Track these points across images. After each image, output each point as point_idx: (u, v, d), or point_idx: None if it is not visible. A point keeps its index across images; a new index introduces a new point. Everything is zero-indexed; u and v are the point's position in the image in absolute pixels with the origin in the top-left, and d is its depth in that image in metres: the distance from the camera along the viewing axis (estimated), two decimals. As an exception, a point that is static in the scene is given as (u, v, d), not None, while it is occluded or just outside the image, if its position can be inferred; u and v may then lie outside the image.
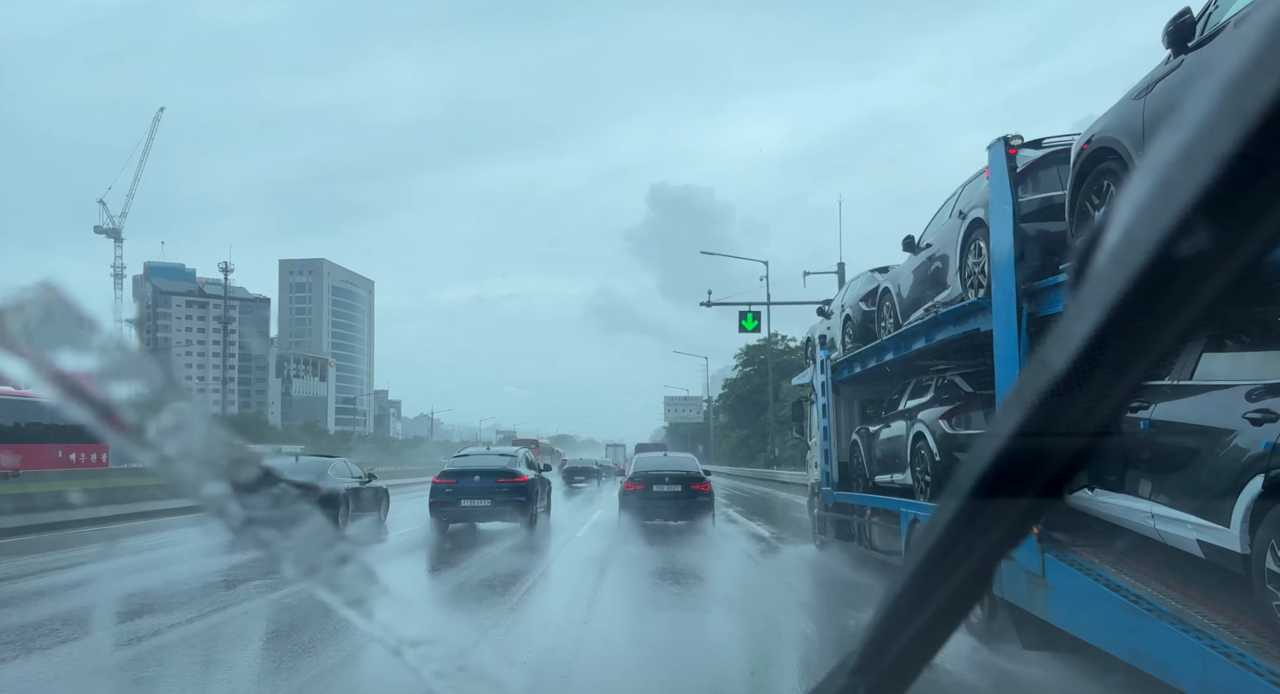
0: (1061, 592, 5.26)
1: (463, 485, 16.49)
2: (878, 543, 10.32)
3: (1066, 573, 5.20)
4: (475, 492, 16.38)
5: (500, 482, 16.63)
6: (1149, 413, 4.73)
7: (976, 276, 7.23)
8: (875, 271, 11.61)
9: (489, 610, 8.88)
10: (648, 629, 8.32)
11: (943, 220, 8.48)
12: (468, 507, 16.38)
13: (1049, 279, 5.68)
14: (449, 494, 16.45)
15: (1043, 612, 5.49)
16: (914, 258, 9.21)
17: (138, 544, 14.52)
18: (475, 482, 16.55)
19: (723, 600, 10.15)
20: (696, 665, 6.89)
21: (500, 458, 17.88)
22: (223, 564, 11.05)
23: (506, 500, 16.44)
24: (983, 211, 6.95)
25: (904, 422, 9.43)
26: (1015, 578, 5.89)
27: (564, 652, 7.08)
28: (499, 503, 16.41)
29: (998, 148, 6.17)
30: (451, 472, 17.11)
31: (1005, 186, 5.96)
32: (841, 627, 8.02)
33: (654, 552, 13.79)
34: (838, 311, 12.97)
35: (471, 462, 17.67)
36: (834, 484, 12.02)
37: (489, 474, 16.73)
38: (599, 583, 11.11)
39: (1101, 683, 5.26)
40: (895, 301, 9.79)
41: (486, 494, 16.37)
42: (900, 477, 9.59)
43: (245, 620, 8.32)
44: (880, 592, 0.81)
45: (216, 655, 7.16)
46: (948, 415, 8.36)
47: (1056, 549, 5.43)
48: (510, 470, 17.04)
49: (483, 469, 16.90)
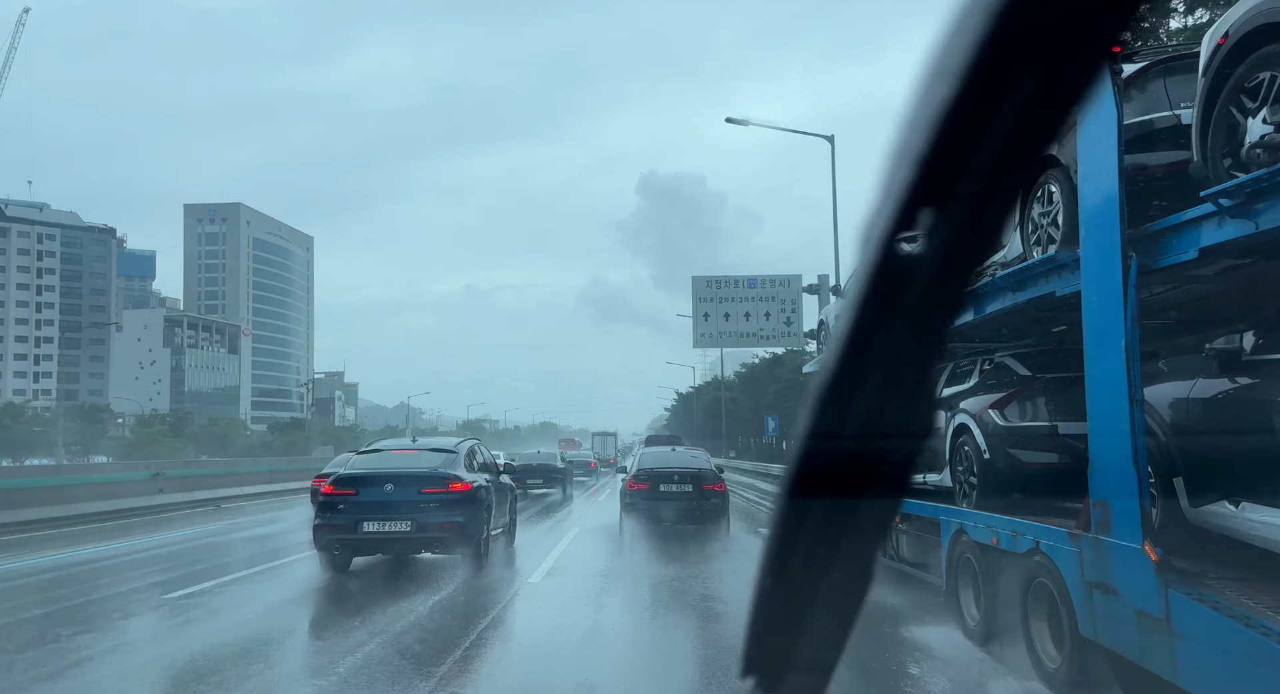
0: (1199, 645, 3.79)
1: (366, 498, 10.58)
2: (908, 554, 8.86)
3: (1206, 618, 3.73)
4: (385, 509, 10.52)
5: (426, 493, 10.66)
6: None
7: (1045, 231, 5.76)
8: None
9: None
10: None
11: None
12: (373, 534, 10.49)
13: (1173, 217, 4.20)
14: (344, 513, 10.57)
15: (1168, 671, 4.02)
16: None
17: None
18: (386, 492, 10.64)
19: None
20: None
21: (429, 455, 11.63)
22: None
23: (436, 522, 10.54)
24: (1057, 146, 5.47)
25: (941, 412, 7.96)
26: (1118, 617, 4.44)
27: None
28: (424, 527, 10.51)
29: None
30: (349, 478, 11.00)
31: (1109, 100, 4.47)
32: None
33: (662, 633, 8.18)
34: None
35: (381, 461, 11.64)
36: (852, 484, 10.56)
37: (408, 481, 10.79)
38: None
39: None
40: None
41: (404, 512, 10.50)
42: (935, 477, 8.14)
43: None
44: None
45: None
46: (1000, 404, 6.91)
47: (1185, 584, 3.97)
48: (441, 474, 10.97)
49: (398, 473, 10.96)
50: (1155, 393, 4.74)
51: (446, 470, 11.09)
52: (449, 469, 11.14)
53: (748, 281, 32.20)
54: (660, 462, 16.16)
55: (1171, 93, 4.98)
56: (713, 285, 32.17)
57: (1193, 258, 4.07)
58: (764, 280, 32.19)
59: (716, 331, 31.94)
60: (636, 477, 15.68)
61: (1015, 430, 6.72)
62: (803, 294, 30.71)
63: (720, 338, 32.59)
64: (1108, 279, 4.49)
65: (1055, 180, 5.58)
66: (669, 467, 15.80)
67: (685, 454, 17.14)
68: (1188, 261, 4.12)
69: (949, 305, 0.68)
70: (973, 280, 0.67)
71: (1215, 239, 3.90)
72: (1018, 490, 6.58)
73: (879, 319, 0.66)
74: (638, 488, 15.47)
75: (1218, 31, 4.19)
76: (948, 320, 0.69)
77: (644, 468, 15.87)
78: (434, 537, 10.66)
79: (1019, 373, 7.08)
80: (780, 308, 31.66)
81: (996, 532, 6.08)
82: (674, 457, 16.72)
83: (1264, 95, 3.70)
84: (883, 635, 7.46)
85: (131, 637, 7.71)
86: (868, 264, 0.64)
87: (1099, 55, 0.59)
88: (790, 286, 31.63)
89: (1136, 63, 5.39)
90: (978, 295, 6.73)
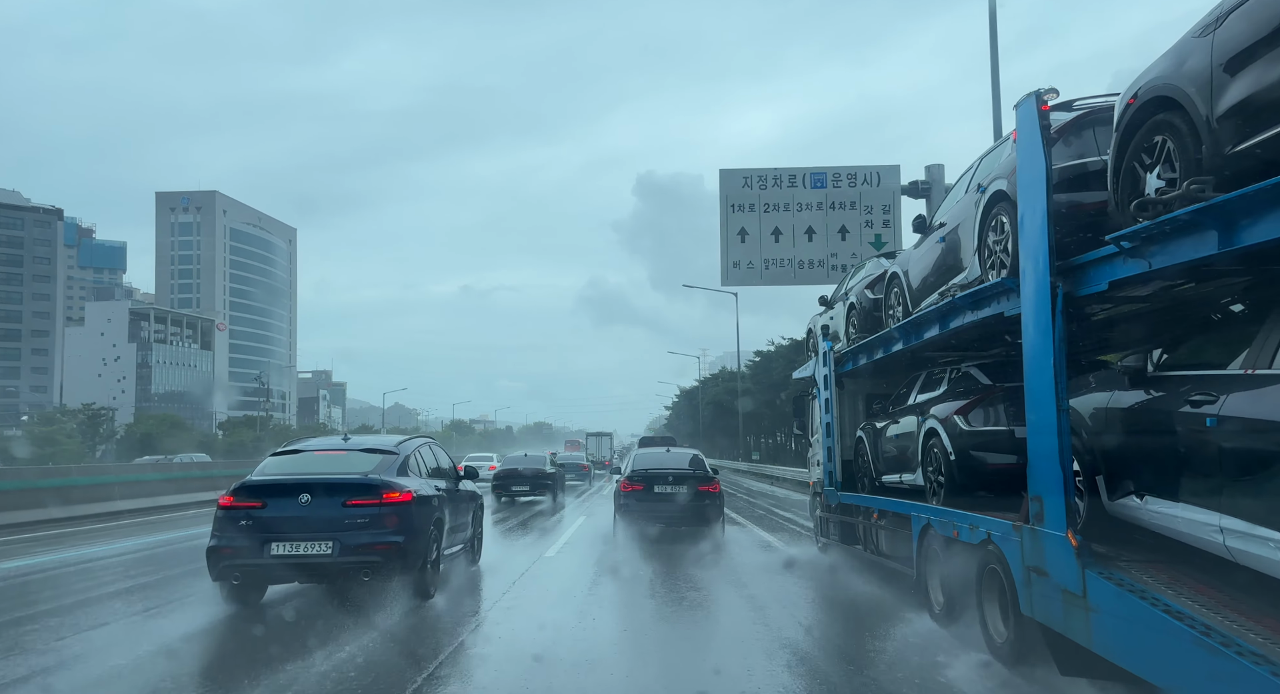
0: (1108, 616, 4.50)
1: (275, 513, 8.40)
2: (885, 548, 9.59)
3: (1114, 594, 4.44)
4: (300, 526, 8.33)
5: (353, 505, 8.46)
6: (1217, 407, 3.99)
7: (998, 256, 6.47)
8: (882, 257, 10.86)
9: None
10: None
11: (958, 196, 7.73)
12: (284, 558, 8.24)
13: (1092, 253, 4.92)
14: (246, 531, 8.34)
15: (1084, 639, 4.74)
16: (925, 239, 8.46)
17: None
18: (302, 505, 8.41)
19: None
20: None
21: (360, 457, 9.34)
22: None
23: (365, 543, 8.35)
24: (1005, 183, 6.19)
25: (914, 417, 8.69)
26: (1049, 596, 5.15)
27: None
28: (351, 548, 8.29)
29: (1028, 105, 5.41)
30: (253, 486, 8.68)
31: (1038, 149, 5.20)
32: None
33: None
34: (841, 300, 12.22)
35: (300, 465, 9.34)
36: (837, 484, 11.29)
37: (330, 490, 8.57)
38: None
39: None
40: (905, 288, 9.04)
41: (324, 530, 8.31)
42: (910, 477, 8.87)
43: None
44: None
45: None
46: (964, 410, 7.62)
47: (1100, 565, 4.68)
48: (373, 481, 8.72)
49: (319, 480, 8.73)
50: (1082, 402, 5.46)
51: (381, 476, 8.81)
52: (384, 475, 8.85)
53: (811, 177, 19.92)
54: (654, 463, 16.25)
55: (1100, 141, 5.69)
56: (755, 184, 19.95)
57: (1104, 289, 4.79)
58: (837, 176, 19.86)
59: (759, 259, 19.75)
60: (631, 478, 15.69)
61: (977, 434, 7.42)
62: (900, 197, 19.39)
63: (765, 268, 19.82)
64: (1041, 304, 5.21)
65: (1005, 212, 6.29)
66: (663, 468, 15.89)
67: (679, 455, 17.30)
68: (1102, 292, 4.84)
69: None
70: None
71: (1120, 274, 4.62)
72: (980, 488, 7.26)
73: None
74: (632, 489, 15.46)
75: (1129, 92, 4.90)
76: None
77: (638, 469, 15.88)
78: (363, 561, 8.31)
79: (981, 382, 7.80)
80: (864, 220, 19.60)
81: (957, 525, 6.80)
82: (668, 457, 16.85)
83: (1158, 156, 4.42)
84: (860, 620, 8.19)
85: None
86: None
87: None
88: (879, 185, 19.64)
89: (1075, 111, 6.12)
90: (942, 312, 7.47)
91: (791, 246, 19.77)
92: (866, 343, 10.28)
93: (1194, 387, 4.29)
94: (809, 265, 19.75)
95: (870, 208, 19.67)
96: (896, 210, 19.52)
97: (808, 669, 6.51)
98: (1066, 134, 5.96)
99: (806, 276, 19.69)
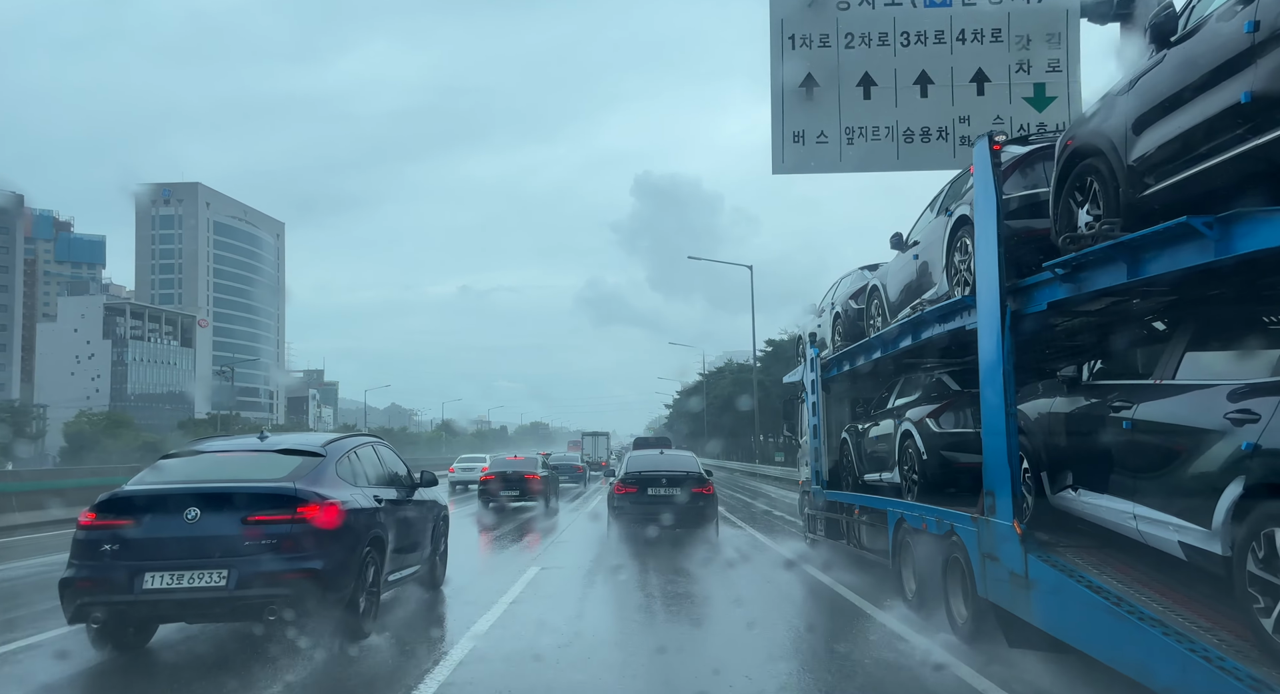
0: (1044, 593, 5.20)
1: (150, 533, 6.48)
2: (866, 542, 10.28)
3: (1049, 574, 5.14)
4: (185, 550, 6.43)
5: (255, 522, 6.51)
6: (1131, 412, 4.68)
7: (963, 274, 7.17)
8: (864, 269, 11.55)
9: None
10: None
11: (929, 218, 8.43)
12: (161, 593, 6.33)
13: (1033, 277, 5.62)
14: (111, 558, 6.43)
15: (1025, 613, 5.44)
16: (902, 255, 9.15)
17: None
18: (188, 523, 6.45)
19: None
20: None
21: (273, 461, 7.37)
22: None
23: (272, 571, 6.42)
24: (968, 209, 6.89)
25: (892, 420, 9.38)
26: (999, 579, 5.84)
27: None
28: (251, 579, 6.36)
29: (982, 144, 6.10)
30: (124, 499, 6.71)
31: (990, 183, 5.90)
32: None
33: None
34: (828, 309, 12.91)
35: (194, 470, 7.41)
36: (824, 483, 11.97)
37: (227, 502, 6.64)
38: None
39: (1086, 680, 5.20)
40: (884, 299, 9.73)
41: (216, 556, 6.42)
42: (889, 475, 9.55)
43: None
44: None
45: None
46: (934, 414, 8.32)
47: (1040, 550, 5.38)
48: (284, 491, 6.75)
49: (213, 490, 6.79)
50: (1031, 407, 6.16)
51: (295, 485, 6.82)
52: (302, 483, 6.88)
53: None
54: (648, 465, 16.29)
55: (1048, 173, 6.38)
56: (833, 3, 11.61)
57: (1043, 309, 5.49)
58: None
59: (836, 126, 11.56)
60: (624, 480, 15.68)
61: (946, 435, 8.12)
62: (1076, 19, 11.33)
63: (847, 142, 11.56)
64: (992, 320, 5.90)
65: (969, 235, 6.98)
66: (657, 470, 15.91)
67: (673, 457, 17.51)
68: (1042, 311, 5.54)
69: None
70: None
71: (1056, 296, 5.33)
72: (950, 485, 7.93)
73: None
74: (626, 491, 15.45)
75: (1067, 134, 5.61)
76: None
77: (632, 471, 15.87)
78: (267, 594, 6.36)
79: (951, 387, 8.49)
80: (1016, 60, 11.45)
81: (926, 519, 7.49)
82: (662, 459, 17.00)
83: (1088, 194, 5.11)
84: (841, 608, 8.87)
85: None
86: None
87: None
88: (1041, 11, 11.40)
89: (1030, 145, 6.83)
90: (914, 324, 8.16)
91: (892, 105, 11.52)
92: (849, 350, 10.96)
93: (1116, 394, 4.98)
94: (921, 137, 11.55)
95: (1025, 39, 11.43)
96: (1071, 41, 11.43)
97: (793, 647, 7.19)
98: (1023, 165, 6.65)
99: (916, 157, 11.57)
